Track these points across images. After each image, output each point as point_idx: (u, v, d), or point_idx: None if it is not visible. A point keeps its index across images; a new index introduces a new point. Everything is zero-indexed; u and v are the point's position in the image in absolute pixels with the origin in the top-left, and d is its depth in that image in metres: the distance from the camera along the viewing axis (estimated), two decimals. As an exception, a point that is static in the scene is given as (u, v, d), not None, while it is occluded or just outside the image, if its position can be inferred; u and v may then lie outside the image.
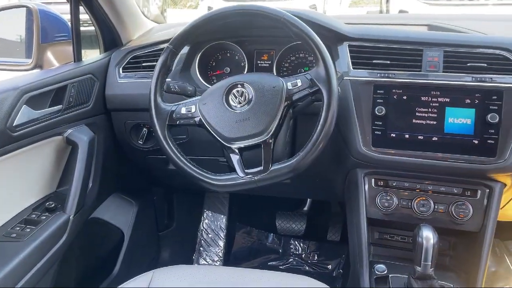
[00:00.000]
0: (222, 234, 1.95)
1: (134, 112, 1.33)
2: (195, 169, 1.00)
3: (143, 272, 0.94)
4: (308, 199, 1.99)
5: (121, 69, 1.35)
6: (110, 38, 1.43)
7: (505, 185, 1.07)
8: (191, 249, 1.94)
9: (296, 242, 1.97)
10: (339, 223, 1.93)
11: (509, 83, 1.00)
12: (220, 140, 0.98)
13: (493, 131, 1.00)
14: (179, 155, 1.01)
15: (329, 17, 1.21)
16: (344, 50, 1.13)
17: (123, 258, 1.52)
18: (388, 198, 1.12)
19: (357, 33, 1.14)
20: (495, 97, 1.00)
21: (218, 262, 1.90)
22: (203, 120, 0.99)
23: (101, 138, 1.33)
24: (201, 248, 1.94)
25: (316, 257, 1.92)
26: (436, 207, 1.09)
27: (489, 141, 1.01)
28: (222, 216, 1.97)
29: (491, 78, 1.01)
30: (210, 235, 1.95)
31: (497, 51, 1.03)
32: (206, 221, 1.97)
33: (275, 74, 1.28)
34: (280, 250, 1.97)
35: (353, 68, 1.10)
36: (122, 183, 1.55)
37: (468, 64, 1.04)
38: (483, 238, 1.07)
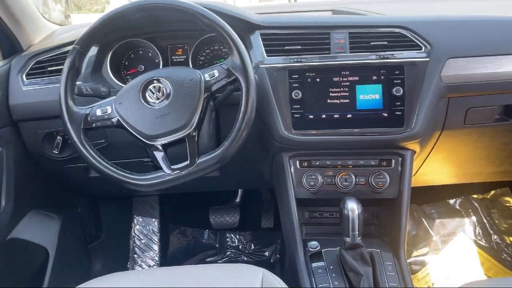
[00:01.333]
0: (155, 238, 1.91)
1: (45, 121, 1.24)
2: (118, 171, 0.96)
3: None
4: (239, 190, 2.01)
5: (24, 76, 1.25)
6: (8, 44, 1.32)
7: (415, 152, 1.17)
8: (124, 257, 1.87)
9: (232, 235, 1.99)
10: (271, 209, 1.97)
11: (408, 57, 1.09)
12: (141, 138, 0.96)
13: (399, 103, 1.09)
14: (99, 159, 0.96)
15: (239, 8, 1.23)
16: (257, 39, 1.16)
17: (50, 278, 1.42)
18: (313, 177, 1.17)
19: (268, 21, 1.17)
20: (397, 72, 1.09)
21: (155, 267, 1.86)
22: (121, 120, 0.96)
23: (10, 152, 1.22)
24: (135, 255, 1.87)
25: (252, 246, 1.95)
26: (357, 180, 1.16)
27: (396, 112, 1.09)
28: (154, 219, 1.92)
29: (392, 54, 1.09)
30: (143, 241, 1.90)
31: (396, 30, 1.12)
32: (137, 226, 1.91)
33: (191, 67, 1.27)
34: (217, 245, 1.97)
35: (268, 56, 1.13)
36: (40, 198, 1.45)
37: (371, 43, 1.11)
38: (401, 204, 1.16)
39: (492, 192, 1.96)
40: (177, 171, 0.95)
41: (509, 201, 1.94)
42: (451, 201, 1.96)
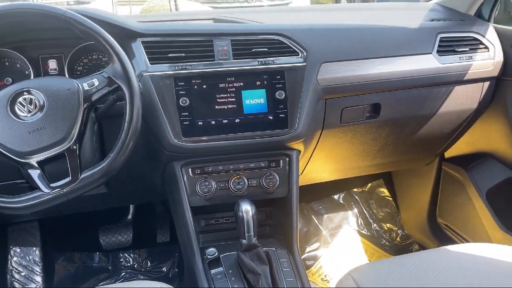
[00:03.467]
0: (37, 269, 1.72)
1: None
2: None
3: None
4: (131, 206, 1.92)
5: None
6: None
7: (300, 151, 1.24)
8: (1, 295, 1.65)
9: (126, 254, 1.88)
10: (166, 222, 1.92)
11: (287, 63, 1.15)
12: (12, 157, 0.86)
13: (282, 106, 1.14)
14: None
15: (119, 16, 1.19)
16: (138, 47, 1.12)
17: None
18: (207, 183, 1.16)
19: (149, 29, 1.14)
20: (279, 77, 1.14)
21: (39, 301, 1.67)
22: None
23: None
24: (14, 291, 1.67)
25: (149, 264, 1.87)
26: (249, 182, 1.19)
27: (281, 115, 1.14)
28: (34, 248, 1.73)
29: (273, 60, 1.15)
30: (23, 273, 1.69)
31: (274, 37, 1.18)
32: (15, 258, 1.70)
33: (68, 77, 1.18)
34: (110, 267, 1.85)
35: (151, 64, 1.10)
36: None
37: (253, 50, 1.15)
38: (291, 202, 1.22)
39: (369, 184, 2.17)
40: (58, 189, 0.87)
41: (383, 192, 2.16)
42: (336, 197, 2.12)
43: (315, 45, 1.19)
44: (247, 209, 1.05)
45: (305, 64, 1.16)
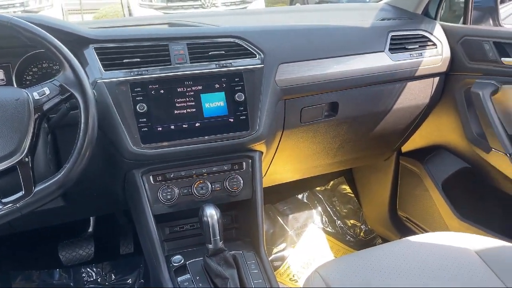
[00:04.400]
0: (-7, 291, 1.63)
1: None
2: None
3: None
4: (91, 218, 1.86)
5: None
6: None
7: (262, 152, 1.24)
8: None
9: (88, 269, 1.81)
10: (129, 233, 1.87)
11: (245, 65, 1.15)
12: None
13: (242, 108, 1.14)
14: None
15: (69, 22, 1.15)
16: (91, 53, 1.09)
17: None
18: (169, 190, 1.14)
19: (101, 35, 1.11)
20: (237, 79, 1.14)
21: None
22: None
23: None
24: (-33, 317, 1.57)
25: (113, 277, 1.81)
26: (213, 186, 1.18)
27: (241, 117, 1.14)
28: (-11, 269, 1.64)
29: (230, 63, 1.14)
30: (-24, 297, 1.60)
31: (230, 39, 1.17)
32: (-33, 282, 1.61)
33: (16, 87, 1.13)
34: (71, 284, 1.77)
35: (105, 71, 1.07)
36: None
37: (210, 53, 1.14)
38: (256, 203, 1.22)
39: (331, 182, 2.21)
40: (10, 205, 0.82)
41: (345, 189, 2.21)
42: (300, 196, 2.14)
43: (272, 46, 1.20)
44: (211, 213, 1.04)
45: (262, 65, 1.17)
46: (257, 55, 1.18)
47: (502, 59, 1.31)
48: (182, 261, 1.13)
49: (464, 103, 1.45)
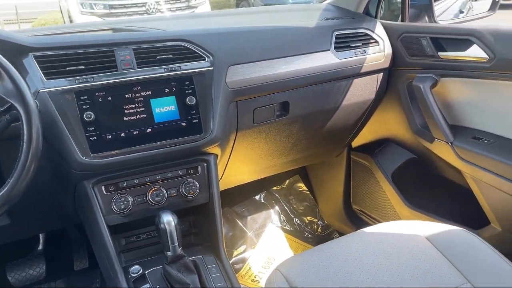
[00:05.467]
0: None
1: None
2: None
3: None
4: (41, 235, 1.77)
5: None
6: None
7: (217, 155, 1.24)
8: None
9: (41, 289, 1.73)
10: (82, 247, 1.79)
11: (194, 68, 1.14)
12: None
13: (194, 111, 1.13)
14: None
15: (5, 31, 1.09)
16: (31, 62, 1.04)
17: None
18: (123, 199, 1.11)
19: (41, 42, 1.06)
20: (187, 83, 1.13)
21: None
22: None
23: None
24: None
25: (68, 294, 1.73)
26: (168, 192, 1.16)
27: (194, 120, 1.13)
28: None
29: (179, 66, 1.13)
30: None
31: (178, 43, 1.16)
32: None
33: None
34: (23, 306, 1.68)
35: (47, 79, 1.02)
36: None
37: (158, 57, 1.13)
38: (213, 207, 1.21)
39: (287, 181, 2.24)
40: None
41: (301, 186, 2.25)
42: (257, 197, 2.15)
43: (221, 48, 1.20)
44: (168, 220, 1.02)
45: (212, 68, 1.16)
46: (206, 58, 1.17)
47: (439, 53, 1.39)
48: (141, 271, 1.11)
49: (407, 96, 1.52)
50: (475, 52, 1.28)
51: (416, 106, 1.49)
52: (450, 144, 1.38)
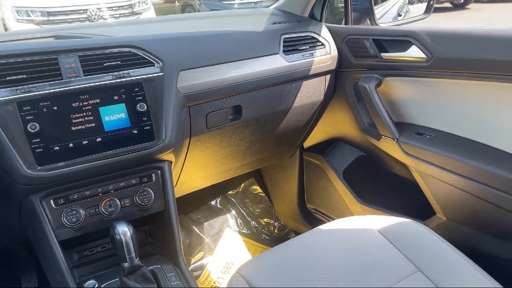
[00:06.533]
0: None
1: None
2: None
3: None
4: (-17, 257, 1.66)
5: None
6: None
7: (171, 162, 1.22)
8: None
9: (-15, 314, 1.62)
10: (31, 266, 1.70)
11: (144, 74, 1.12)
12: None
13: (146, 118, 1.11)
14: None
15: None
16: None
17: None
18: (74, 212, 1.07)
19: None
20: (137, 89, 1.11)
21: None
22: None
23: None
24: None
25: (17, 317, 1.64)
26: (122, 202, 1.13)
27: (145, 127, 1.11)
28: None
29: (128, 73, 1.11)
30: None
31: (125, 49, 1.14)
32: None
33: None
34: (-34, 334, 1.57)
35: None
36: None
37: (105, 64, 1.09)
38: (170, 214, 1.19)
39: (242, 184, 2.24)
40: None
41: (256, 189, 2.26)
42: (213, 202, 2.14)
43: (170, 54, 1.19)
44: (123, 230, 0.99)
45: (162, 73, 1.15)
46: (155, 64, 1.15)
47: (382, 54, 1.45)
48: (96, 285, 1.07)
49: (354, 96, 1.58)
50: (414, 53, 1.35)
51: (363, 105, 1.55)
52: (396, 140, 1.44)
